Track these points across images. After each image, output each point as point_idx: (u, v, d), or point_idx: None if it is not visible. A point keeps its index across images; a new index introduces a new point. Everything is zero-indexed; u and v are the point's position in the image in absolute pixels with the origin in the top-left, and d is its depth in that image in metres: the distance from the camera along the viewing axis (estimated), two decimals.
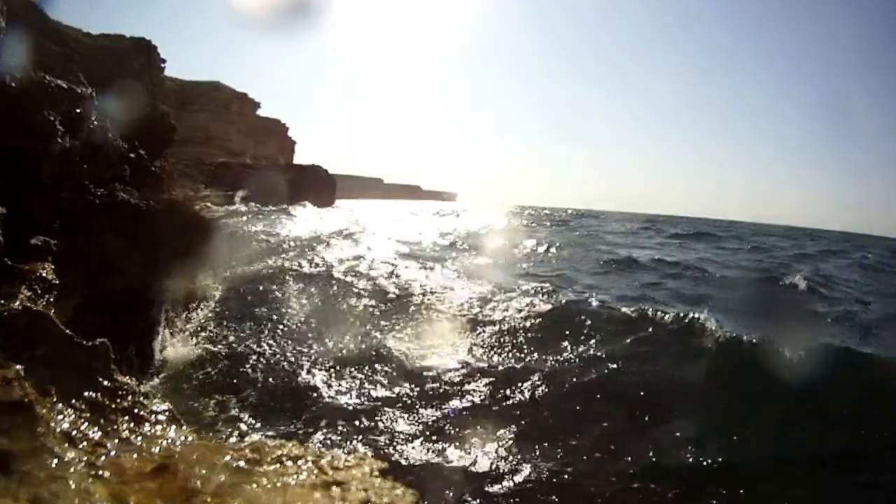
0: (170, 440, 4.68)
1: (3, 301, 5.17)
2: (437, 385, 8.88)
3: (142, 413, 4.85)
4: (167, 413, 4.99)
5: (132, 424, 4.63)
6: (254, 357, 9.84)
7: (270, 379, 9.01)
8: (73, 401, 4.37)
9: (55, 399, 4.18)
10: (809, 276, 21.83)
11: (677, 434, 7.49)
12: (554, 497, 6.24)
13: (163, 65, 34.14)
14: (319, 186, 69.96)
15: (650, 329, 11.24)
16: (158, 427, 4.82)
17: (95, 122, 9.78)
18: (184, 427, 5.02)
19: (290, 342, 10.58)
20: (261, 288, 14.13)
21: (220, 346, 10.34)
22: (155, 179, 11.74)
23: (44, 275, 6.97)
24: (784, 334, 10.54)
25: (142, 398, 5.02)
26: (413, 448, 6.99)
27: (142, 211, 10.21)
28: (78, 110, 9.00)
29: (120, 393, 4.84)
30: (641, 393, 8.65)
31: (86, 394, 4.56)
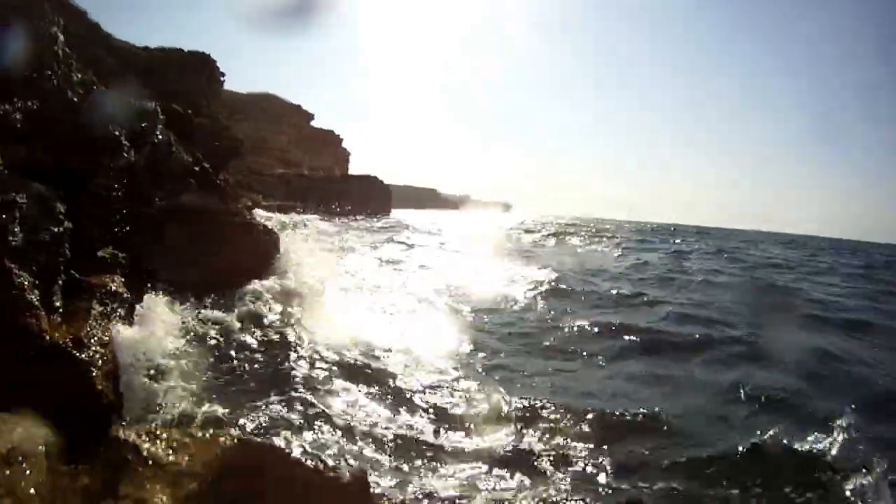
0: None
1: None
2: None
3: None
4: None
5: None
6: None
7: None
8: None
9: None
10: None
11: None
12: None
13: (222, 78, 34.56)
14: (376, 197, 70.58)
15: None
16: None
17: (160, 136, 9.83)
18: None
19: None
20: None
21: None
22: (220, 191, 11.79)
23: (113, 288, 6.93)
24: None
25: None
26: None
27: (205, 223, 10.25)
28: (143, 124, 9.05)
29: None
30: None
31: None
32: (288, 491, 3.63)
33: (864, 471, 6.26)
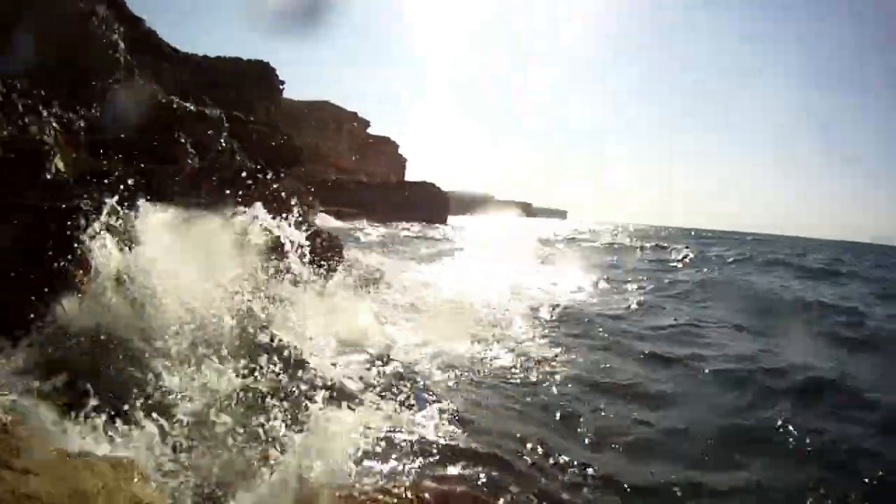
0: None
1: None
2: None
3: None
4: None
5: None
6: None
7: None
8: None
9: None
10: None
11: None
12: None
13: (282, 86, 34.79)
14: (432, 203, 70.56)
15: None
16: None
17: (223, 144, 9.80)
18: None
19: None
20: None
21: None
22: (280, 198, 11.74)
23: None
24: None
25: None
26: None
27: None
28: (208, 132, 9.03)
29: None
30: None
31: None
32: None
33: None
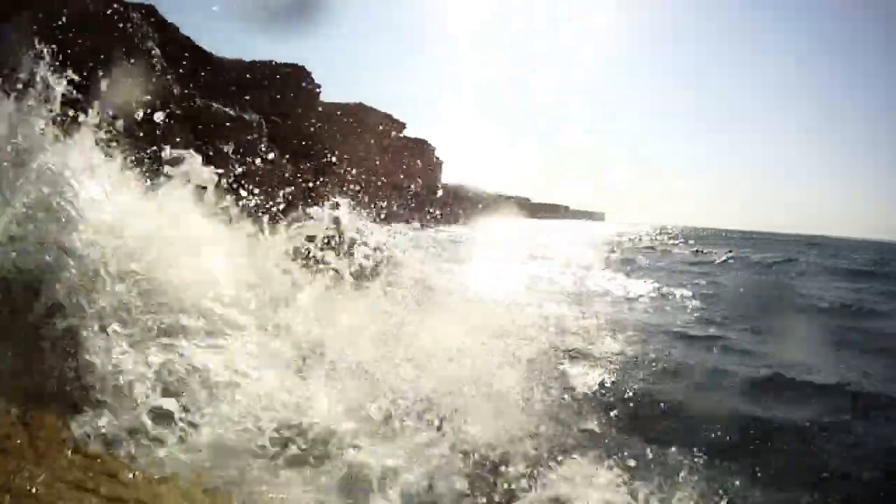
0: None
1: None
2: None
3: None
4: None
5: None
6: None
7: None
8: None
9: None
10: None
11: None
12: None
13: (318, 90, 35.03)
14: (468, 206, 70.50)
15: None
16: None
17: (263, 148, 9.82)
18: None
19: None
20: None
21: None
22: (316, 199, 11.77)
23: None
24: None
25: None
26: None
27: None
28: (248, 136, 9.03)
29: None
30: None
31: None
32: None
33: None
